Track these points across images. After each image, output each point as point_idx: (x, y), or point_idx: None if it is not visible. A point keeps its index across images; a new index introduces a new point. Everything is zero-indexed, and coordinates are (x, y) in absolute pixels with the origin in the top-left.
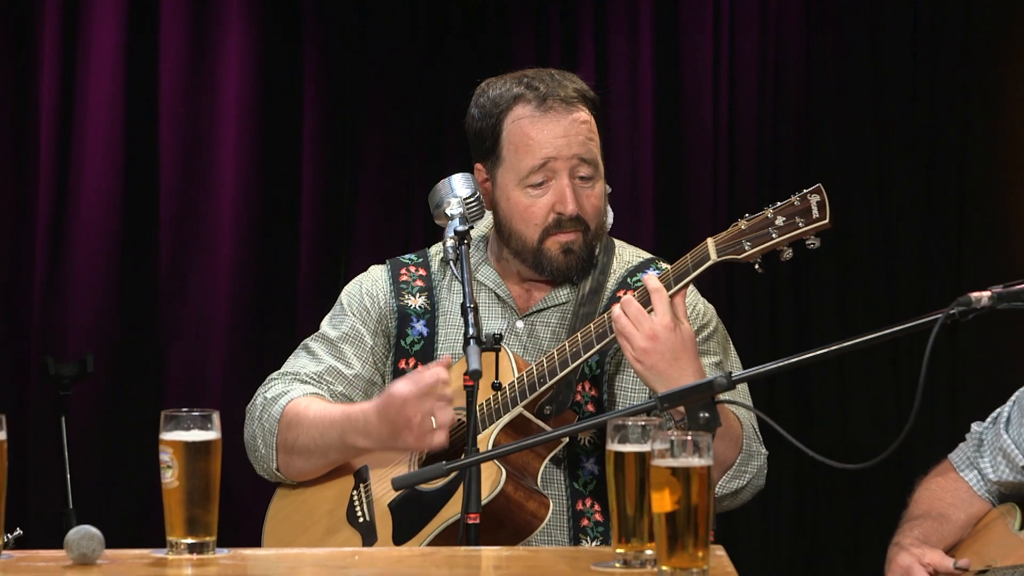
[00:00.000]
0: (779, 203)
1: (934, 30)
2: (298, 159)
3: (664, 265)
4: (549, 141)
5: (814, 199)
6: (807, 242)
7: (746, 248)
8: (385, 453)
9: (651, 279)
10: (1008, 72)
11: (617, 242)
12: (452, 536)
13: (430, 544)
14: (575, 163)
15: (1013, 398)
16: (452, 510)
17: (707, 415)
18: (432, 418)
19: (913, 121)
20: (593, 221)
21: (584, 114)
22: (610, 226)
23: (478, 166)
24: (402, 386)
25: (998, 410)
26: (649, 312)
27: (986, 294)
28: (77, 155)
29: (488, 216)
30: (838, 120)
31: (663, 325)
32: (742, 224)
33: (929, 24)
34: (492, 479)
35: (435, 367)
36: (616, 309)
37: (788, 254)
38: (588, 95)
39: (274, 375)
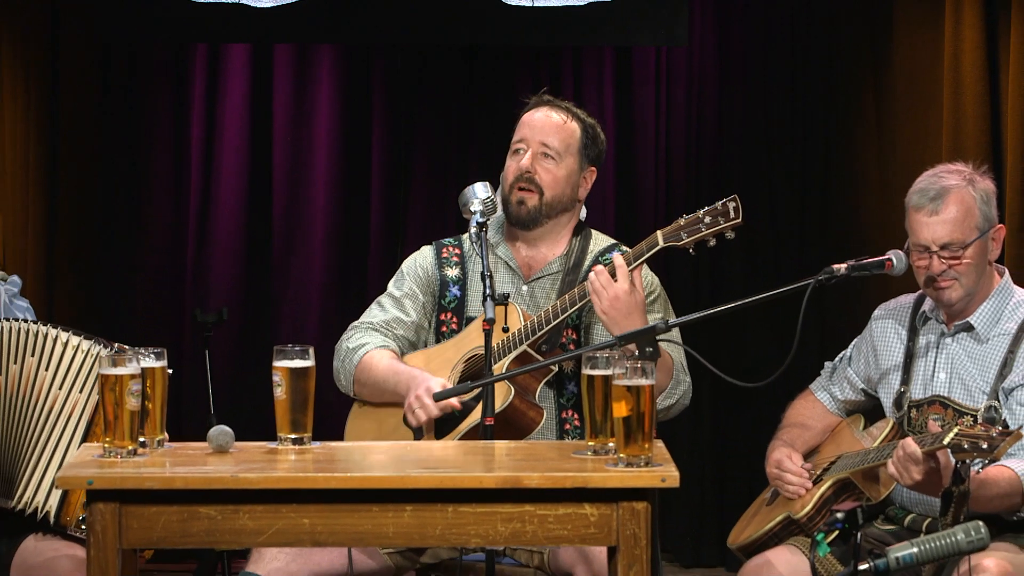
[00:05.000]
0: (707, 207)
1: (806, 88)
2: (368, 173)
3: (624, 248)
4: (528, 125)
5: (731, 205)
6: (726, 235)
7: (683, 238)
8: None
9: (618, 258)
10: (855, 117)
11: (592, 230)
12: (475, 434)
13: (461, 439)
14: (539, 145)
15: (852, 343)
16: (476, 416)
17: (651, 349)
18: (412, 414)
19: (792, 148)
20: (548, 190)
21: (564, 116)
22: (584, 217)
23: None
24: (427, 386)
25: (842, 352)
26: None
27: (844, 265)
28: (216, 171)
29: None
30: (741, 148)
31: (623, 290)
32: (681, 221)
33: (804, 83)
34: (504, 394)
35: (436, 411)
36: (592, 275)
37: (712, 242)
38: (576, 112)
39: (354, 323)
